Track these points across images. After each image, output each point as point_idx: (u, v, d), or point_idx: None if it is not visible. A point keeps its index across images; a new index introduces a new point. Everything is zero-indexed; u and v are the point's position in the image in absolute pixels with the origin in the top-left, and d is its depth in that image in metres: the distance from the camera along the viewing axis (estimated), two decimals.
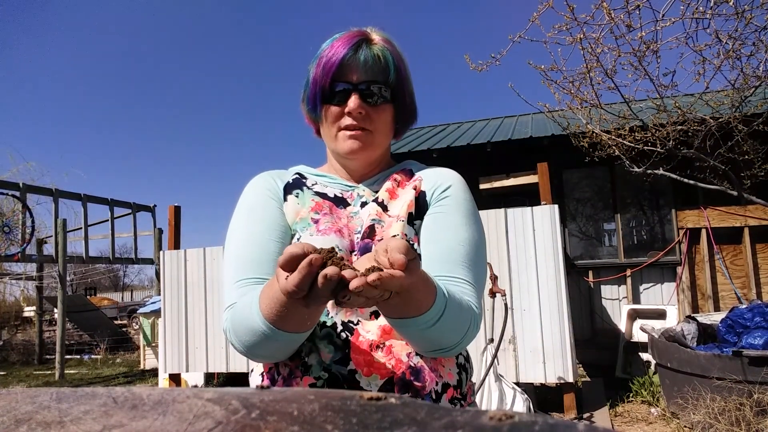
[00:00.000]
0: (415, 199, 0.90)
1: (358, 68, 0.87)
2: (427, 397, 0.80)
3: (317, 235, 0.85)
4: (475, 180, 6.10)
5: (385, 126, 0.93)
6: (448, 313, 0.71)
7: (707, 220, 5.53)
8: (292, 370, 0.82)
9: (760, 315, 3.66)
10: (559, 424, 0.20)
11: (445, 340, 0.75)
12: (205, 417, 0.24)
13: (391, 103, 0.92)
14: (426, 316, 0.68)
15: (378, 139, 0.92)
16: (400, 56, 0.93)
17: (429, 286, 0.68)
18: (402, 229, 0.86)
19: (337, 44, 0.88)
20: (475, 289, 0.82)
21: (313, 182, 0.97)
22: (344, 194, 0.95)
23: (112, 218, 9.55)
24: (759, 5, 3.06)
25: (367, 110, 0.89)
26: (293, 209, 0.91)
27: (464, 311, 0.75)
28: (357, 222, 0.90)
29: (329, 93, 0.89)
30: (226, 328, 0.80)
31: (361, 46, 0.88)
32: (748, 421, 2.96)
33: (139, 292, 32.29)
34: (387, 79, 0.90)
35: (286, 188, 0.94)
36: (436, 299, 0.69)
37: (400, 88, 0.92)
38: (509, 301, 3.94)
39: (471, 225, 0.88)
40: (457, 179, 0.95)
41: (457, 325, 0.74)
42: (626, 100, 3.94)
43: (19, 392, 0.29)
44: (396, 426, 0.21)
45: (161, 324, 5.08)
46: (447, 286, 0.76)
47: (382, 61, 0.89)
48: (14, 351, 9.56)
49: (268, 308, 0.69)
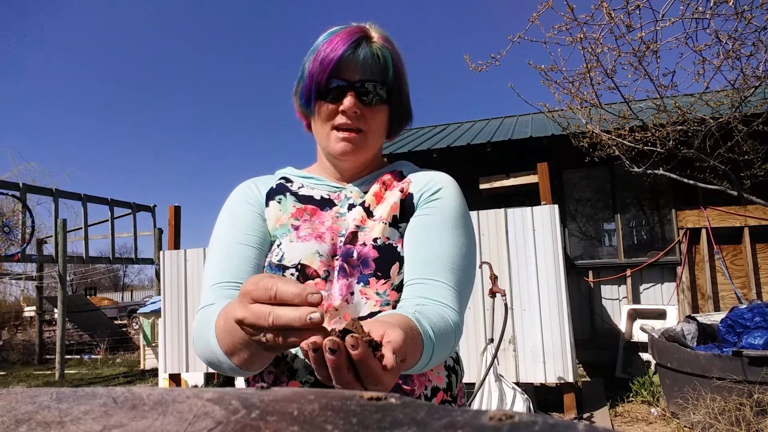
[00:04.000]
0: (402, 202, 0.88)
1: (357, 66, 0.85)
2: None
3: (297, 242, 0.84)
4: (474, 180, 6.11)
5: (379, 127, 0.91)
6: (437, 352, 0.70)
7: (707, 220, 5.53)
8: (277, 376, 0.81)
9: (760, 315, 3.67)
10: (559, 424, 0.20)
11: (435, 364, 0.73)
12: (205, 417, 0.24)
13: (386, 103, 0.90)
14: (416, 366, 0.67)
15: (371, 141, 0.90)
16: (399, 56, 0.91)
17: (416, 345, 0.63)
18: (383, 232, 0.84)
19: (336, 39, 0.85)
20: (456, 293, 0.80)
21: (299, 185, 0.95)
22: (331, 195, 0.93)
23: (112, 218, 9.55)
24: (759, 5, 3.06)
25: (362, 110, 0.86)
26: (274, 215, 0.89)
27: (449, 335, 0.73)
28: (342, 224, 0.88)
29: (324, 89, 0.86)
30: (193, 335, 0.78)
31: (361, 44, 0.86)
32: (748, 421, 2.96)
33: (139, 292, 32.29)
34: (385, 78, 0.88)
35: (268, 194, 0.92)
36: (424, 349, 0.66)
37: (397, 88, 0.90)
38: (509, 301, 3.94)
39: (458, 229, 0.86)
40: (448, 182, 0.92)
41: (445, 350, 0.73)
42: (626, 100, 3.94)
43: (19, 392, 0.29)
44: (396, 426, 0.21)
45: (161, 324, 5.08)
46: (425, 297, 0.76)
47: (381, 61, 0.87)
48: (14, 351, 9.56)
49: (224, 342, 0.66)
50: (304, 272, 0.82)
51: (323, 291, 0.81)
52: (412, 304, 0.75)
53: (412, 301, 0.77)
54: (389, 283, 0.82)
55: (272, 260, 0.84)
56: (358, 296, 0.81)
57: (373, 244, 0.83)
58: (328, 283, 0.82)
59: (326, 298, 0.80)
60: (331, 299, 0.80)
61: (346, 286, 0.81)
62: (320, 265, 0.82)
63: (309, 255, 0.82)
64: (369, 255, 0.82)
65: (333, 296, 0.80)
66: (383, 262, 0.82)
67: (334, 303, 0.80)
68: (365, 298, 0.81)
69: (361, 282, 0.81)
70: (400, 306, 0.78)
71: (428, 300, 0.76)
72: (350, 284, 0.81)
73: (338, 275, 0.82)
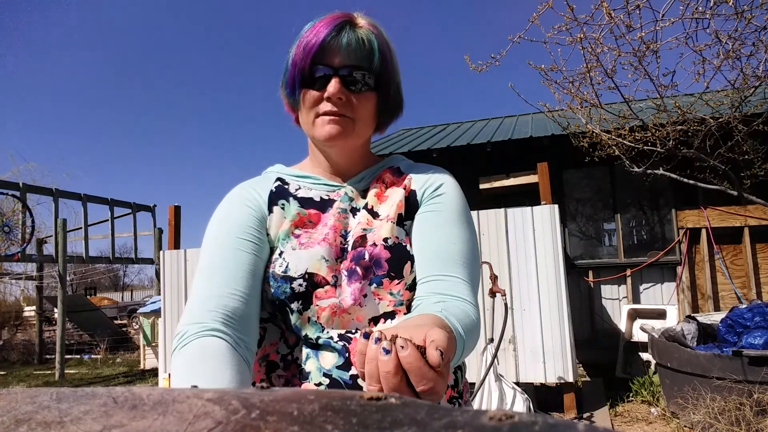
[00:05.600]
0: (405, 199, 0.87)
1: (340, 51, 0.82)
2: None
3: (300, 249, 0.82)
4: (475, 180, 6.11)
5: (366, 115, 0.87)
6: (466, 349, 0.69)
7: (707, 220, 5.53)
8: (288, 379, 0.80)
9: (760, 315, 3.66)
10: (559, 424, 0.20)
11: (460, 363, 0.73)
12: (205, 417, 0.24)
13: (374, 91, 0.86)
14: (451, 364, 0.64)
15: (359, 128, 0.86)
16: (387, 43, 0.88)
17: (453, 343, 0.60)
18: (391, 231, 0.83)
19: (319, 25, 0.83)
20: (470, 287, 0.79)
21: (296, 187, 0.91)
22: (330, 195, 0.90)
23: (112, 218, 9.55)
24: (759, 5, 3.06)
25: (348, 96, 0.83)
26: (278, 221, 0.86)
27: (474, 330, 0.72)
28: (344, 221, 0.86)
29: (309, 76, 0.83)
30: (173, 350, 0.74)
31: (345, 28, 0.83)
32: (748, 421, 2.96)
33: (139, 292, 32.30)
34: (371, 65, 0.84)
35: (271, 198, 0.89)
36: (456, 350, 0.63)
37: (385, 76, 0.87)
38: (509, 301, 3.94)
39: (464, 224, 0.86)
40: (449, 178, 0.92)
41: (471, 348, 0.73)
42: (626, 100, 3.94)
43: (19, 392, 0.29)
44: (396, 426, 0.21)
45: (161, 324, 5.08)
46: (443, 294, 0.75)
47: (366, 46, 0.83)
48: (14, 351, 9.56)
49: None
50: (312, 281, 0.80)
51: (334, 297, 0.80)
52: (433, 302, 0.74)
53: (432, 299, 0.75)
54: (403, 283, 0.81)
55: (276, 271, 0.81)
56: (371, 297, 0.80)
57: (384, 245, 0.82)
58: (338, 288, 0.80)
59: (338, 305, 0.79)
60: (343, 304, 0.79)
61: (359, 290, 0.80)
62: (327, 271, 0.80)
63: (315, 262, 0.80)
64: (381, 255, 0.81)
65: (344, 300, 0.79)
66: (396, 262, 0.81)
67: (345, 307, 0.79)
68: (378, 299, 0.80)
69: (374, 283, 0.80)
70: (420, 304, 0.76)
71: (447, 296, 0.75)
72: (363, 287, 0.80)
73: (351, 279, 0.80)
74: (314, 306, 0.80)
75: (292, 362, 0.81)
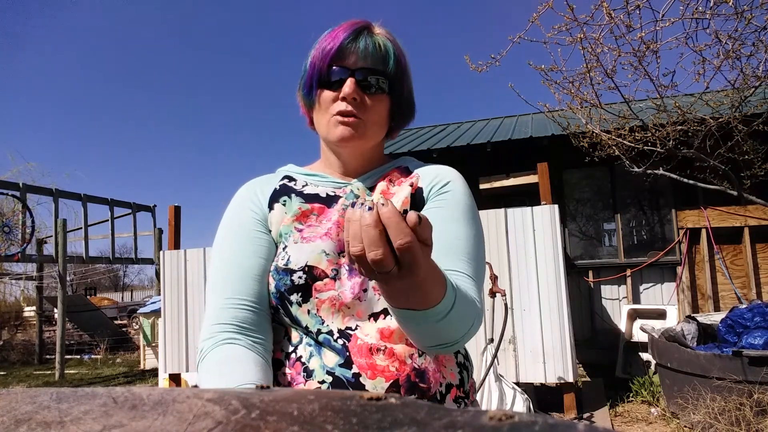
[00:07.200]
0: (412, 196, 0.88)
1: (357, 54, 0.86)
2: (433, 398, 0.79)
3: (302, 243, 0.84)
4: (475, 180, 6.10)
5: (379, 117, 0.90)
6: (458, 306, 0.68)
7: (707, 220, 5.52)
8: (293, 377, 0.81)
9: (760, 315, 3.66)
10: (559, 424, 0.20)
11: (450, 334, 0.71)
12: (205, 417, 0.24)
13: (387, 94, 0.89)
14: (437, 308, 0.65)
15: (371, 130, 0.89)
16: (401, 50, 0.92)
17: (439, 275, 0.64)
18: None
19: (337, 30, 0.87)
20: (476, 283, 0.80)
21: (303, 183, 0.94)
22: (336, 191, 0.92)
23: (112, 218, 9.55)
24: (759, 5, 3.06)
25: (363, 97, 0.86)
26: (279, 218, 0.88)
27: (470, 305, 0.73)
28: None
29: (326, 76, 0.87)
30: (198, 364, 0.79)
31: (362, 33, 0.87)
32: (748, 421, 2.96)
33: (139, 292, 32.29)
34: (386, 69, 0.88)
35: (272, 197, 0.91)
36: (446, 291, 0.65)
37: (399, 81, 0.90)
38: (509, 301, 3.94)
39: (471, 220, 0.87)
40: (456, 176, 0.93)
41: (464, 319, 0.71)
42: (626, 100, 3.95)
43: (19, 392, 0.29)
44: (396, 426, 0.21)
45: (161, 324, 5.08)
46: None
47: (381, 50, 0.87)
48: (14, 351, 9.56)
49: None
50: (312, 274, 0.81)
51: (333, 290, 0.81)
52: None
53: None
54: None
55: (279, 264, 0.84)
56: (371, 292, 0.81)
57: None
58: (337, 282, 0.81)
59: (337, 297, 0.80)
60: (342, 297, 0.80)
61: (359, 284, 0.81)
62: (327, 265, 0.81)
63: (315, 255, 0.82)
64: None
65: (344, 294, 0.80)
66: None
67: (345, 300, 0.80)
68: (378, 295, 0.81)
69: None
70: None
71: None
72: (363, 282, 0.81)
73: (351, 273, 0.81)
74: (314, 299, 0.81)
75: (296, 360, 0.81)
